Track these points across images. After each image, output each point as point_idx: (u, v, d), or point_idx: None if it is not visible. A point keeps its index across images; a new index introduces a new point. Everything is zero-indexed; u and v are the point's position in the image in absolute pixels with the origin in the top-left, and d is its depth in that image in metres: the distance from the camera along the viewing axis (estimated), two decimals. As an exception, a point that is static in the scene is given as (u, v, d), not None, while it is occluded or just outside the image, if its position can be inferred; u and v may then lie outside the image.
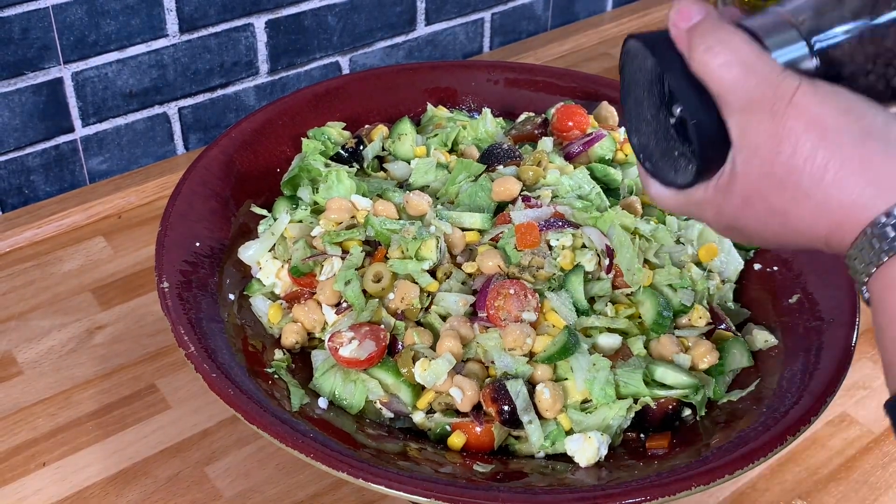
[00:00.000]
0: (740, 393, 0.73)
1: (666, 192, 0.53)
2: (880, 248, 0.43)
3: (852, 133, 0.44)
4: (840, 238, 0.45)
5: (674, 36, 0.49)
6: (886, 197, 0.43)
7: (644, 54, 0.51)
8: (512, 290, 0.74)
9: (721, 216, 0.51)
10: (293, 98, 0.94)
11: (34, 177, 1.07)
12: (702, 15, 0.48)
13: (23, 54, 0.98)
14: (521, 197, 0.82)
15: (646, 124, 0.53)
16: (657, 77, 0.51)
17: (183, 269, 0.76)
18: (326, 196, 0.84)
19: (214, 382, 0.66)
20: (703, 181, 0.50)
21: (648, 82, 0.52)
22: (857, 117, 0.45)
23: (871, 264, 0.44)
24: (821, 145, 0.45)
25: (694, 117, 0.48)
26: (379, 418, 0.73)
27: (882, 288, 0.44)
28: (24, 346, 0.91)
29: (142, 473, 0.80)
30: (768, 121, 0.46)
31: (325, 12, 1.17)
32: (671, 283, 0.78)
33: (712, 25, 0.48)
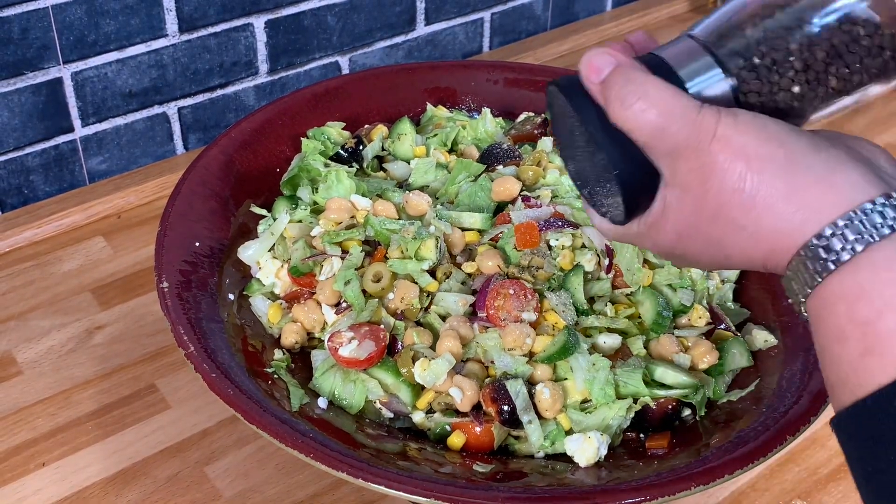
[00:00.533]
0: (740, 393, 0.73)
1: (605, 222, 0.54)
2: (814, 270, 0.44)
3: (777, 160, 0.45)
4: (776, 262, 0.46)
5: (588, 90, 0.49)
6: (816, 219, 0.44)
7: (565, 102, 0.50)
8: (511, 290, 0.73)
9: (658, 247, 0.52)
10: (293, 98, 0.94)
11: (34, 177, 1.07)
12: (611, 66, 0.48)
13: (22, 54, 0.98)
14: (520, 197, 0.82)
15: (579, 153, 0.52)
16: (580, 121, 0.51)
17: (182, 269, 0.76)
18: (326, 196, 0.84)
19: (214, 382, 0.66)
20: (635, 219, 0.51)
21: (574, 123, 0.51)
22: (779, 144, 0.45)
23: (807, 286, 0.44)
24: (747, 176, 0.45)
25: (615, 168, 0.49)
26: (378, 418, 0.73)
27: (819, 308, 0.44)
28: (24, 346, 0.91)
29: (141, 473, 0.80)
30: (694, 159, 0.46)
31: (324, 12, 1.17)
32: (671, 282, 0.78)
33: (623, 76, 0.48)
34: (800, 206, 0.44)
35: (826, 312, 0.44)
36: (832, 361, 0.44)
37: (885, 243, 0.42)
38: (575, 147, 0.52)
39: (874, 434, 0.41)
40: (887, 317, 0.41)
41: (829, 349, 0.44)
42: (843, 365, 0.43)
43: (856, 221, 0.43)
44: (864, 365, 0.41)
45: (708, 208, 0.47)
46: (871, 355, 0.41)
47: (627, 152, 0.48)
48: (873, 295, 0.42)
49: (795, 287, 0.45)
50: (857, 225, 0.43)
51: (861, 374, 0.41)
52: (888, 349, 0.41)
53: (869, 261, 0.42)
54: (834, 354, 0.43)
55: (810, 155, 0.45)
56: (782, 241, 0.45)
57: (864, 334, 0.42)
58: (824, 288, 0.44)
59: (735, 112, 0.46)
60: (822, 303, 0.44)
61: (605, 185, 0.51)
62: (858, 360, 0.42)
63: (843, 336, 0.42)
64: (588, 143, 0.50)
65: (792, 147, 0.45)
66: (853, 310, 0.42)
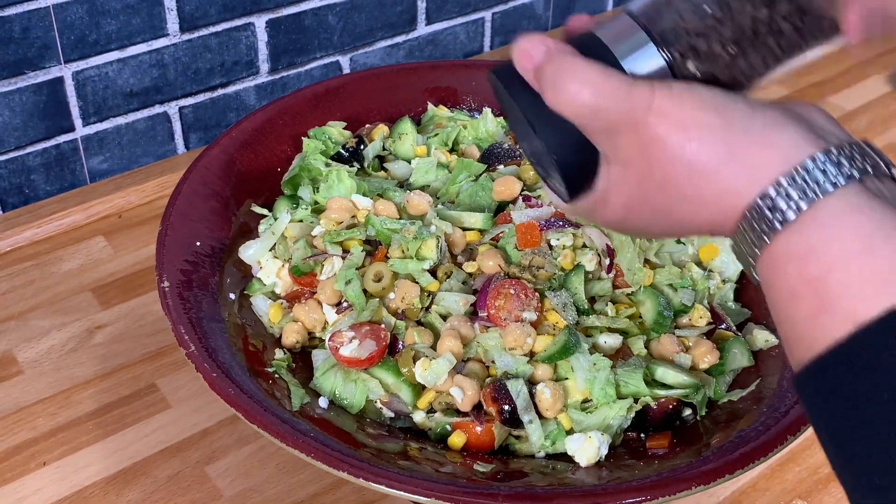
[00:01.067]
0: (741, 392, 0.73)
1: (557, 198, 0.55)
2: (761, 230, 0.44)
3: (714, 126, 0.45)
4: (724, 226, 0.47)
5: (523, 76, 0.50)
6: (759, 180, 0.44)
7: (503, 89, 0.51)
8: (512, 289, 0.73)
9: (607, 221, 0.52)
10: (294, 97, 0.94)
11: (34, 176, 1.07)
12: (542, 51, 0.49)
13: (23, 54, 0.98)
14: (521, 196, 0.82)
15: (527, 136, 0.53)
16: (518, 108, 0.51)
17: (183, 269, 0.76)
18: (327, 195, 0.84)
19: (215, 382, 0.66)
20: (582, 196, 0.52)
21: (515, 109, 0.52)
22: (715, 110, 0.45)
23: (756, 247, 0.45)
24: (686, 145, 0.45)
25: (553, 152, 0.49)
26: (379, 418, 0.73)
27: (770, 269, 0.44)
28: (24, 345, 0.91)
29: (142, 473, 0.80)
30: (633, 134, 0.47)
31: (325, 12, 1.17)
32: (672, 282, 0.78)
33: (554, 60, 0.48)
34: (742, 168, 0.45)
35: (777, 273, 0.44)
36: (787, 321, 0.44)
37: (830, 200, 0.42)
38: (523, 130, 0.53)
39: (834, 389, 0.41)
40: (837, 273, 0.41)
41: (783, 309, 0.44)
42: (798, 324, 0.43)
43: (798, 179, 0.43)
44: (818, 322, 0.41)
45: (652, 180, 0.47)
46: (825, 312, 0.41)
47: (565, 135, 0.49)
48: (822, 252, 0.42)
49: (744, 250, 0.46)
50: (800, 183, 0.43)
51: (817, 332, 0.41)
52: (841, 305, 0.41)
53: (815, 218, 0.42)
54: (788, 314, 0.43)
55: (747, 118, 0.45)
56: (728, 205, 0.45)
57: (816, 292, 0.42)
58: (773, 248, 0.44)
59: (669, 84, 0.47)
60: (773, 263, 0.44)
61: (549, 166, 0.51)
62: (813, 318, 0.42)
63: (796, 295, 0.43)
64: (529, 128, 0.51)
65: (729, 112, 0.45)
66: (803, 268, 0.42)
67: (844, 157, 0.43)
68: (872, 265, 0.40)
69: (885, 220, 0.41)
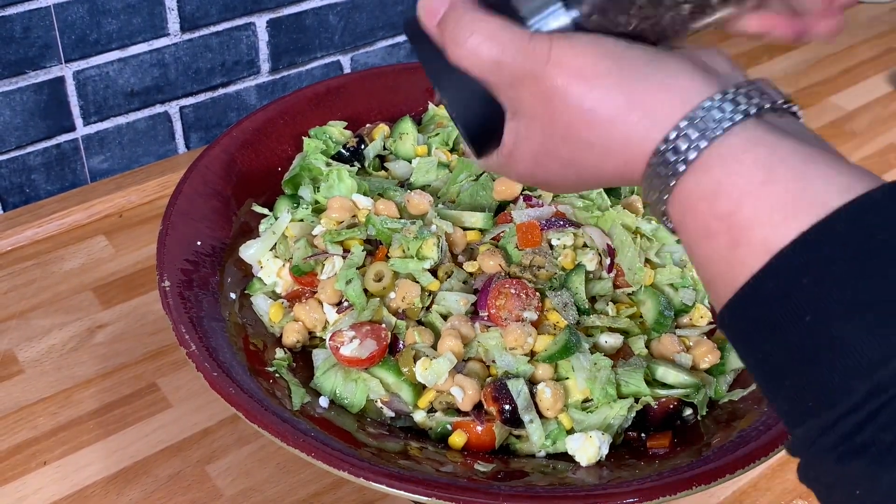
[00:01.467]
0: (741, 392, 0.73)
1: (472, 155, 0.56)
2: (666, 174, 0.44)
3: (613, 75, 0.46)
4: (631, 175, 0.47)
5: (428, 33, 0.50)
6: (660, 125, 0.44)
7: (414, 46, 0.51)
8: (513, 289, 0.73)
9: (520, 176, 0.53)
10: (294, 97, 0.94)
11: (35, 175, 1.07)
12: (445, 6, 0.49)
13: (24, 53, 0.98)
14: (522, 196, 0.82)
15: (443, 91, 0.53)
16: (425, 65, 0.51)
17: (184, 268, 0.76)
18: (327, 195, 0.84)
19: (215, 381, 0.66)
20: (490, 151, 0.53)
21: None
22: (614, 59, 0.46)
23: (664, 191, 0.45)
24: (587, 94, 0.46)
25: (455, 109, 0.50)
26: (380, 417, 0.73)
27: (681, 212, 0.45)
28: (25, 344, 0.91)
29: (142, 472, 0.80)
30: (534, 86, 0.47)
31: (326, 11, 1.17)
32: (672, 282, 0.78)
33: (455, 15, 0.49)
34: (642, 115, 0.45)
35: (689, 214, 0.44)
36: (705, 261, 0.44)
37: (729, 136, 0.43)
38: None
39: (757, 319, 0.41)
40: (746, 205, 0.42)
41: (699, 249, 0.44)
42: (715, 262, 0.43)
43: (697, 120, 0.43)
44: (735, 256, 0.42)
45: (556, 132, 0.48)
46: (740, 246, 0.42)
47: (469, 91, 0.49)
48: (729, 187, 0.42)
49: (654, 197, 0.46)
50: (698, 123, 0.43)
51: (735, 266, 0.42)
52: (754, 236, 0.41)
53: (718, 155, 0.43)
54: (705, 253, 0.44)
55: (647, 65, 0.46)
56: (632, 152, 0.46)
57: (728, 227, 0.42)
58: (681, 191, 0.44)
59: (569, 36, 0.47)
60: (683, 205, 0.44)
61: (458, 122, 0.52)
62: (729, 252, 0.42)
63: (710, 233, 0.43)
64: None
65: (628, 61, 0.46)
66: (714, 205, 0.43)
67: (741, 96, 0.44)
68: (778, 194, 0.41)
69: (786, 150, 0.42)
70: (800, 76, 1.36)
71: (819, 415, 0.39)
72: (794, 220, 0.40)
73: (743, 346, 0.43)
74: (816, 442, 0.39)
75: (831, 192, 0.40)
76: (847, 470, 0.38)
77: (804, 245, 0.40)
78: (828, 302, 0.39)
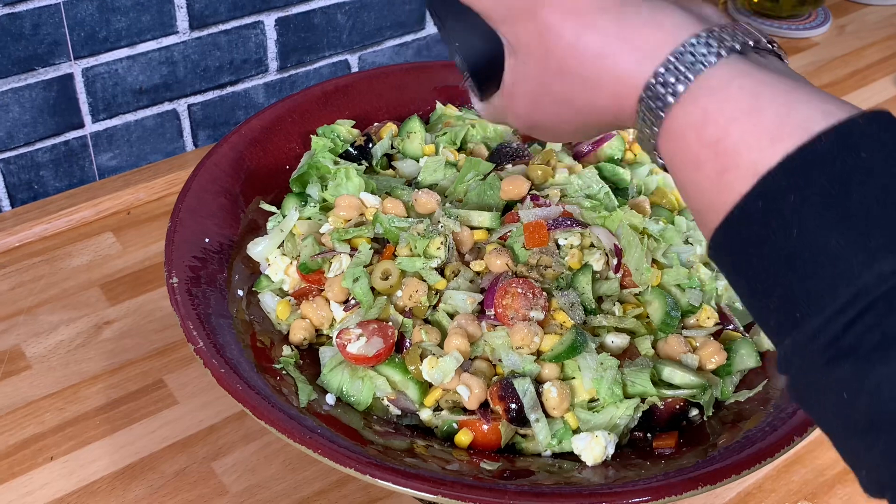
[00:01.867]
0: (748, 393, 0.73)
1: (478, 103, 0.59)
2: (657, 107, 0.46)
3: (606, 10, 0.48)
4: (624, 111, 0.49)
5: None
6: (650, 60, 0.47)
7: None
8: (520, 288, 0.74)
9: (519, 118, 0.55)
10: (302, 95, 0.94)
11: (44, 172, 1.07)
12: None
13: (34, 50, 0.99)
14: (529, 196, 0.82)
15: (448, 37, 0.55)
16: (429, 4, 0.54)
17: (192, 265, 0.76)
18: (335, 193, 0.84)
19: (223, 378, 0.66)
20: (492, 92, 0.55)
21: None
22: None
23: (654, 125, 0.47)
24: (580, 30, 0.48)
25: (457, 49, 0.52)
26: (386, 415, 0.73)
27: (671, 144, 0.47)
28: (33, 340, 0.91)
29: (149, 468, 0.80)
30: (530, 22, 0.50)
31: (334, 10, 1.17)
32: (679, 283, 0.78)
33: None
34: (633, 50, 0.47)
35: (678, 145, 0.46)
36: (695, 191, 0.46)
37: (716, 69, 0.45)
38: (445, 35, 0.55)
39: (746, 240, 0.43)
40: (733, 130, 0.43)
41: (689, 179, 0.46)
42: (704, 190, 0.45)
43: (685, 55, 0.46)
44: (723, 182, 0.44)
45: (550, 67, 0.50)
46: (728, 171, 0.43)
47: (473, 29, 0.51)
48: (716, 114, 0.44)
49: (647, 132, 0.48)
50: (686, 57, 0.46)
51: (723, 192, 0.44)
52: (741, 160, 0.43)
53: (705, 86, 0.45)
54: (695, 183, 0.46)
55: (637, 4, 0.48)
56: (624, 87, 0.48)
57: (716, 153, 0.44)
58: (671, 123, 0.46)
59: None
60: (673, 137, 0.46)
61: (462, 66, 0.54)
62: (717, 179, 0.44)
63: (699, 161, 0.45)
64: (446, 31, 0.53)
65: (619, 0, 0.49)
66: (701, 134, 0.45)
67: (727, 34, 0.46)
68: (764, 120, 0.43)
69: (770, 81, 0.44)
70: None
71: (807, 322, 0.41)
72: (780, 144, 0.42)
73: (733, 270, 0.45)
74: (805, 350, 0.41)
75: (815, 117, 0.42)
76: (834, 374, 0.40)
77: (790, 165, 0.41)
78: (813, 216, 0.41)
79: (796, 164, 0.41)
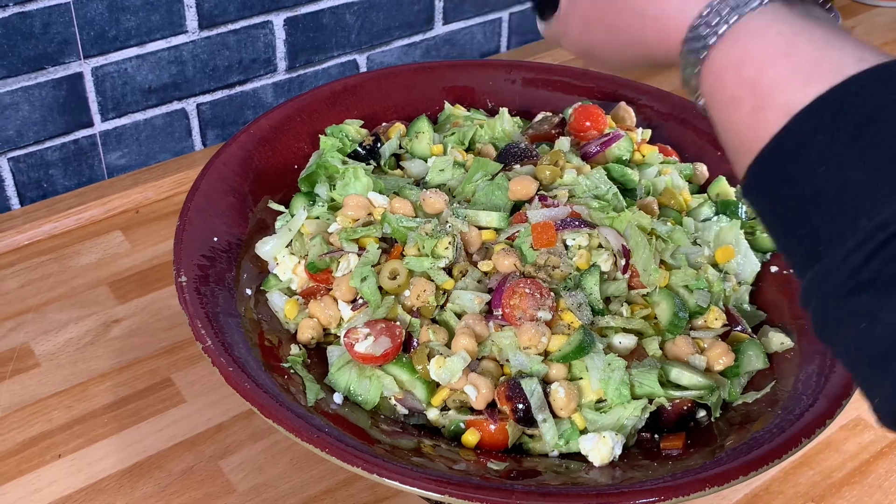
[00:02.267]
0: (755, 395, 0.73)
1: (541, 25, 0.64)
2: (698, 47, 0.49)
3: None
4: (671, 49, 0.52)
5: None
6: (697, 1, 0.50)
7: None
8: (527, 288, 0.74)
9: (574, 43, 0.60)
10: (311, 95, 0.94)
11: (53, 171, 1.07)
12: None
13: (43, 49, 0.99)
14: (537, 196, 0.82)
15: None
16: None
17: (200, 264, 0.76)
18: (343, 193, 0.84)
19: (231, 376, 0.66)
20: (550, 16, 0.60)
21: None
22: None
23: (696, 63, 0.50)
24: None
25: None
26: (393, 414, 0.73)
27: (711, 84, 0.49)
28: (42, 338, 0.91)
29: (156, 466, 0.80)
30: None
31: (343, 10, 1.17)
32: (687, 284, 0.78)
33: None
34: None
35: (717, 85, 0.49)
36: (731, 129, 0.48)
37: (756, 14, 0.48)
38: None
39: (776, 175, 0.45)
40: (769, 71, 0.46)
41: (726, 118, 0.49)
42: (740, 129, 0.47)
43: None
44: (758, 121, 0.46)
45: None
46: (762, 109, 0.46)
47: None
48: (754, 55, 0.47)
49: (689, 72, 0.51)
50: (730, 1, 0.48)
51: (758, 130, 0.46)
52: (775, 99, 0.45)
53: (745, 29, 0.48)
54: (730, 121, 0.48)
55: None
56: (671, 24, 0.51)
57: (752, 92, 0.46)
58: (711, 63, 0.49)
59: None
60: (712, 77, 0.49)
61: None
62: (752, 117, 0.46)
63: (735, 100, 0.47)
64: None
65: None
66: (739, 73, 0.47)
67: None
68: (798, 62, 0.45)
69: (808, 27, 0.47)
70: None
71: (828, 255, 0.43)
72: (813, 85, 0.44)
73: (765, 207, 0.47)
74: (825, 282, 0.43)
75: (848, 62, 0.44)
76: (853, 304, 0.42)
77: (821, 106, 0.43)
78: (839, 153, 0.42)
79: (827, 104, 0.43)
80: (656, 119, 0.99)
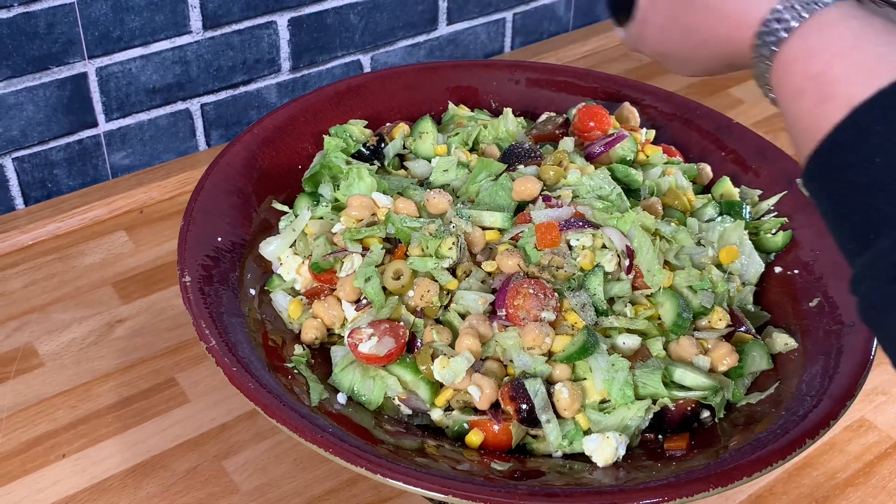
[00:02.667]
0: (759, 395, 0.73)
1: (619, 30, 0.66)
2: (771, 42, 0.52)
3: None
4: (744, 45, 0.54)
5: None
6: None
7: None
8: (531, 289, 0.74)
9: (651, 46, 0.62)
10: (315, 95, 0.94)
11: (57, 171, 1.07)
12: None
13: (48, 49, 0.99)
14: (541, 196, 0.82)
15: None
16: None
17: (204, 264, 0.76)
18: (347, 193, 0.84)
19: (235, 376, 0.66)
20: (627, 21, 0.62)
21: None
22: None
23: (768, 60, 0.52)
24: None
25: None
26: (397, 415, 0.73)
27: (780, 76, 0.52)
28: (46, 338, 0.91)
29: (160, 466, 0.81)
30: None
31: (347, 11, 1.17)
32: (691, 284, 0.78)
33: None
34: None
35: (785, 76, 0.51)
36: (795, 118, 0.51)
37: (827, 10, 0.50)
38: None
39: (834, 165, 0.47)
40: (835, 65, 0.48)
41: (792, 108, 0.51)
42: (804, 118, 0.50)
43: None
44: (821, 111, 0.48)
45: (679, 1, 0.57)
46: (826, 101, 0.48)
47: None
48: (821, 50, 0.49)
49: (761, 66, 0.53)
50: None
51: (820, 120, 0.48)
52: (839, 92, 0.48)
53: (816, 24, 0.50)
54: (796, 111, 0.50)
55: None
56: (745, 20, 0.54)
57: (817, 84, 0.49)
58: (782, 56, 0.51)
59: None
60: (782, 69, 0.52)
61: None
62: (816, 108, 0.49)
63: (801, 91, 0.50)
64: None
65: None
66: (807, 66, 0.50)
67: None
68: (863, 57, 0.48)
69: (875, 24, 0.49)
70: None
71: (878, 241, 0.44)
72: (876, 79, 0.46)
73: (822, 193, 0.49)
74: (874, 268, 0.45)
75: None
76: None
77: (881, 100, 0.46)
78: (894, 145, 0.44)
79: (887, 98, 0.45)
80: (660, 119, 0.99)
